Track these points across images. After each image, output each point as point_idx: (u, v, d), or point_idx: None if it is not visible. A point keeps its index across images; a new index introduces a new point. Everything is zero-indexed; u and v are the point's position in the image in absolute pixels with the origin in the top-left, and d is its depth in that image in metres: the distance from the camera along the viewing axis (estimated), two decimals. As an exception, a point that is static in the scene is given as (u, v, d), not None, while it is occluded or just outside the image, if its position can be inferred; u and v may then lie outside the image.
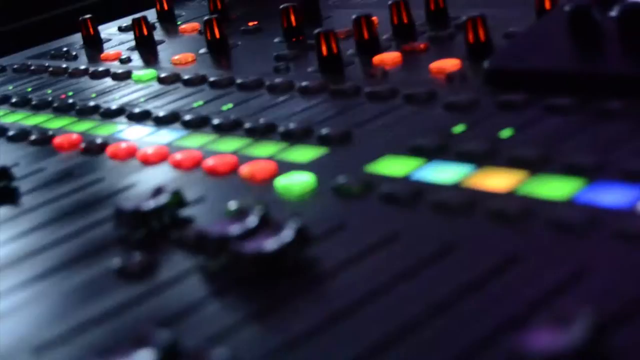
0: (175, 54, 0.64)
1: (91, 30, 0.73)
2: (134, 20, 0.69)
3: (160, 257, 0.34)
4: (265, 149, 0.43)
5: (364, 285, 0.30)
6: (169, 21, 0.76)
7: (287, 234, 0.32)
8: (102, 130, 0.51)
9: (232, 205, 0.37)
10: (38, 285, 0.35)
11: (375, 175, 0.38)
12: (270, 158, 0.42)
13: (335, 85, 0.50)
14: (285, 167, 0.41)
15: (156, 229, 0.36)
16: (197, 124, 0.48)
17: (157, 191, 0.38)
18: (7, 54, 0.77)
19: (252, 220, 0.33)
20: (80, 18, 0.73)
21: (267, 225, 0.33)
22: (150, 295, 0.32)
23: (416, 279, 0.30)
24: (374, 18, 0.57)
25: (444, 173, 0.37)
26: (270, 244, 0.31)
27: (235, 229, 0.33)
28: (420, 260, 0.31)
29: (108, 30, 0.77)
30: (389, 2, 0.58)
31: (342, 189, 0.37)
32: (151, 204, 0.37)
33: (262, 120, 0.46)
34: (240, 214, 0.34)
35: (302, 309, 0.29)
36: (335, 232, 0.34)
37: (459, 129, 0.41)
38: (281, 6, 0.62)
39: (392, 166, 0.39)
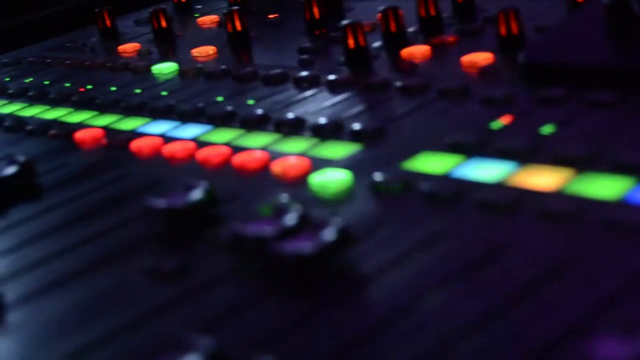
0: (194, 47, 0.63)
1: (108, 22, 0.72)
2: (152, 12, 0.67)
3: (194, 258, 0.33)
4: (296, 145, 0.42)
5: (410, 289, 0.29)
6: (186, 14, 0.75)
7: (328, 234, 0.30)
8: (124, 125, 0.50)
9: (268, 203, 0.35)
10: (65, 288, 0.33)
11: (414, 173, 0.37)
12: (302, 154, 0.41)
13: (364, 79, 0.49)
14: (318, 163, 0.39)
15: (188, 227, 0.35)
16: (223, 119, 0.47)
17: (188, 188, 0.36)
18: (22, 46, 0.76)
19: (290, 220, 0.32)
20: (97, 10, 0.72)
21: (306, 224, 0.32)
22: (187, 298, 0.31)
23: (466, 282, 0.28)
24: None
25: (486, 171, 0.35)
26: (311, 244, 0.30)
27: (272, 228, 0.31)
28: (468, 262, 0.29)
29: (124, 22, 0.75)
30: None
31: (380, 186, 0.36)
32: (184, 201, 0.35)
33: (290, 115, 0.45)
34: (276, 213, 0.33)
35: (348, 313, 0.28)
36: (376, 232, 0.33)
37: (497, 124, 0.40)
38: (304, -2, 0.61)
39: (430, 163, 0.37)
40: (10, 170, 0.43)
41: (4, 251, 0.37)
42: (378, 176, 0.36)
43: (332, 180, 0.37)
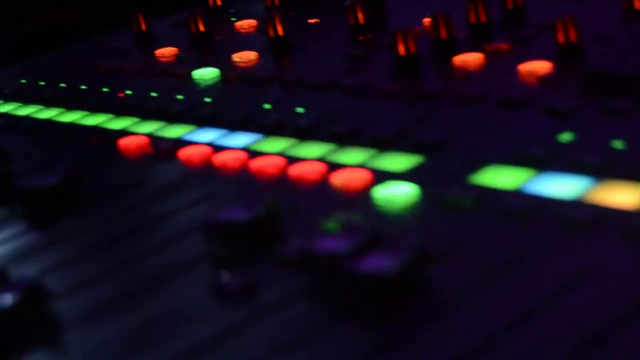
0: (234, 52, 0.61)
1: (143, 25, 0.70)
2: (189, 16, 0.66)
3: (259, 276, 0.32)
4: (354, 155, 0.40)
5: (498, 312, 0.27)
6: (221, 17, 0.73)
7: (406, 253, 0.29)
8: (169, 132, 0.48)
9: (335, 218, 0.34)
10: (123, 307, 0.32)
11: (483, 187, 0.35)
12: (361, 166, 0.39)
13: (417, 87, 0.47)
14: (379, 176, 0.38)
15: (251, 243, 0.34)
16: (274, 127, 0.46)
17: (248, 201, 0.35)
18: (54, 49, 0.75)
19: (362, 237, 0.30)
20: (132, 13, 0.70)
21: (379, 242, 0.30)
22: (255, 320, 0.29)
23: (558, 307, 0.27)
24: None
25: (561, 186, 0.34)
26: (392, 263, 0.28)
27: (346, 246, 0.30)
28: (557, 285, 0.28)
29: (157, 26, 0.74)
30: None
31: (450, 201, 0.34)
32: (245, 215, 0.34)
33: (345, 125, 0.43)
34: (346, 229, 0.31)
35: (432, 339, 0.26)
36: (453, 251, 0.31)
37: (565, 137, 0.38)
38: (347, 2, 0.59)
39: (500, 177, 0.36)
40: (55, 180, 0.41)
41: (54, 266, 0.36)
42: (447, 190, 0.35)
43: (398, 194, 0.35)
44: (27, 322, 0.31)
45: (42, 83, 0.64)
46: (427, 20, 0.58)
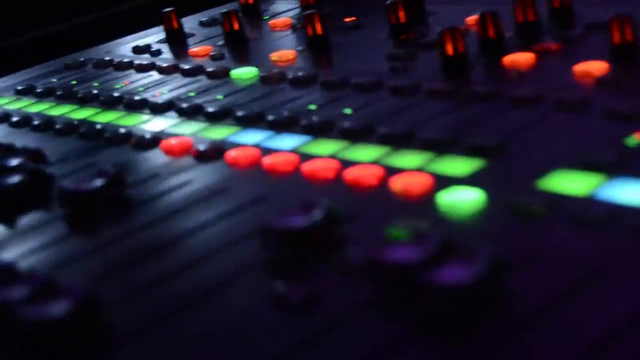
0: (269, 50, 0.60)
1: (174, 23, 0.69)
2: (223, 14, 0.64)
3: (322, 286, 0.30)
4: (410, 159, 0.39)
5: (584, 329, 0.25)
6: (254, 16, 0.72)
7: (484, 263, 0.27)
8: (211, 134, 0.47)
9: (400, 225, 0.32)
10: (179, 317, 0.30)
11: (552, 193, 0.34)
12: (419, 169, 0.37)
13: (468, 88, 0.45)
14: (441, 180, 0.36)
15: (310, 250, 0.32)
16: (321, 129, 0.44)
17: (307, 206, 0.33)
18: (82, 47, 0.73)
19: (434, 246, 0.29)
20: (164, 10, 0.69)
21: (452, 251, 0.29)
22: (321, 333, 0.28)
23: (649, 323, 0.25)
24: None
25: (635, 193, 0.32)
26: (470, 274, 0.27)
27: (418, 255, 0.28)
28: (645, 299, 0.26)
29: (187, 24, 0.73)
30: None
31: (519, 208, 0.33)
32: (305, 221, 0.32)
33: (397, 127, 0.42)
34: (414, 237, 0.30)
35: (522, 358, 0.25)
36: (528, 261, 0.29)
37: (633, 141, 0.37)
38: (388, 1, 0.58)
39: (568, 182, 0.34)
40: (99, 182, 0.40)
41: (102, 275, 0.34)
42: (515, 196, 0.33)
43: (464, 200, 0.34)
44: (80, 333, 0.29)
45: (74, 82, 0.63)
46: (470, 19, 0.57)
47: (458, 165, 0.37)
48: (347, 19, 0.64)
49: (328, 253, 0.32)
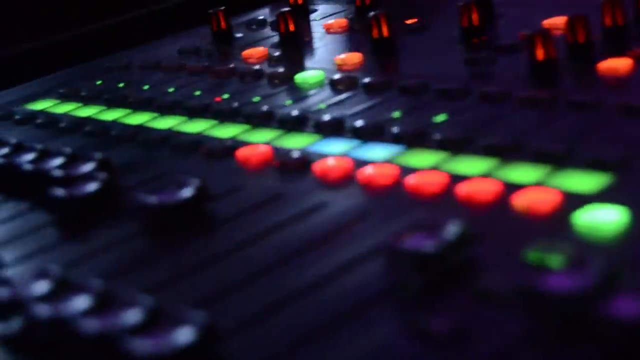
0: (328, 53, 0.57)
1: (223, 24, 0.66)
2: (279, 15, 0.61)
3: (466, 316, 0.27)
4: (526, 173, 0.36)
5: None
6: (303, 17, 0.69)
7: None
8: (289, 142, 0.44)
9: (557, 250, 0.29)
10: (301, 352, 0.27)
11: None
12: (539, 184, 0.34)
13: (565, 96, 0.42)
14: (569, 198, 0.33)
15: (442, 276, 0.29)
16: (413, 138, 0.41)
17: (431, 226, 0.30)
18: (121, 48, 0.70)
19: (600, 272, 0.26)
20: (211, 10, 0.66)
21: (616, 279, 0.26)
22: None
23: None
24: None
25: None
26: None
27: (582, 283, 0.25)
28: None
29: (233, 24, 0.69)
30: (601, 1, 0.50)
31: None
32: (435, 243, 0.29)
33: (502, 137, 0.39)
34: (572, 265, 0.27)
35: None
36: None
37: None
38: (461, 3, 0.55)
39: None
40: (186, 193, 0.37)
41: (207, 299, 0.31)
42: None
43: (605, 221, 0.30)
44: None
45: (120, 85, 0.60)
46: (547, 22, 0.54)
47: (581, 180, 0.34)
48: (409, 21, 0.61)
49: (461, 278, 0.29)
